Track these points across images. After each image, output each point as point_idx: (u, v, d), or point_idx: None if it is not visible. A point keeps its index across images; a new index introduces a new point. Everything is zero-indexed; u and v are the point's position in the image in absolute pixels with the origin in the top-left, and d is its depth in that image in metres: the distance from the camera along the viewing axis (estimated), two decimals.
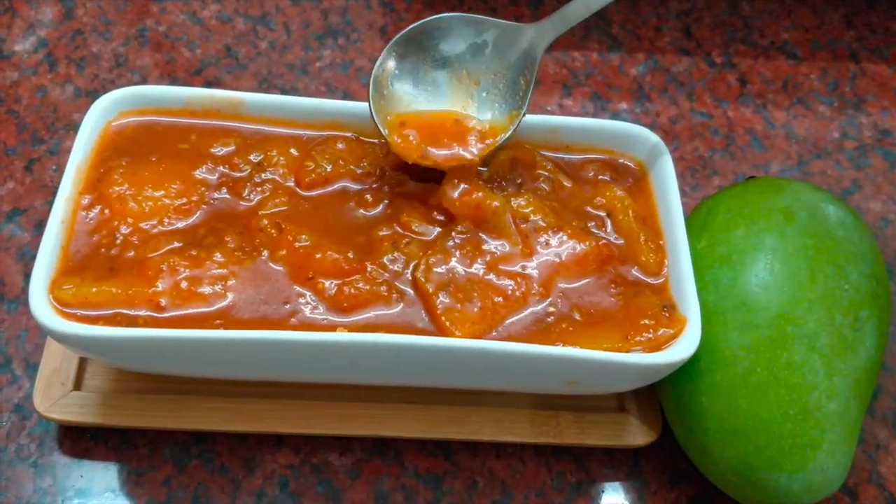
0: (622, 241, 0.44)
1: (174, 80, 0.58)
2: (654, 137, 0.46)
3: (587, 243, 0.42)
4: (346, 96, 0.59)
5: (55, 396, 0.43)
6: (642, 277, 0.43)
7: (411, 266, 0.42)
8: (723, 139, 0.59)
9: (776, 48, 0.64)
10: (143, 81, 0.58)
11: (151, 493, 0.43)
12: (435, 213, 0.43)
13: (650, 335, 0.40)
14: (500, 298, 0.41)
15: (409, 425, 0.44)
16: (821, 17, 0.66)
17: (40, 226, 0.51)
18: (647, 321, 0.40)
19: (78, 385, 0.44)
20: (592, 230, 0.44)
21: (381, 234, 0.43)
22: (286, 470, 0.44)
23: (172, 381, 0.44)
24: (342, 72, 0.60)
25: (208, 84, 0.58)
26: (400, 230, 0.43)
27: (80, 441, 0.44)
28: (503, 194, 0.44)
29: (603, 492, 0.45)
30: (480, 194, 0.42)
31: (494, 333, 0.40)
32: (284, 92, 0.58)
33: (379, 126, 0.43)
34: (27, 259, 0.50)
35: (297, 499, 0.43)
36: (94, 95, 0.57)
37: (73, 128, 0.55)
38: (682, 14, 0.65)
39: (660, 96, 0.61)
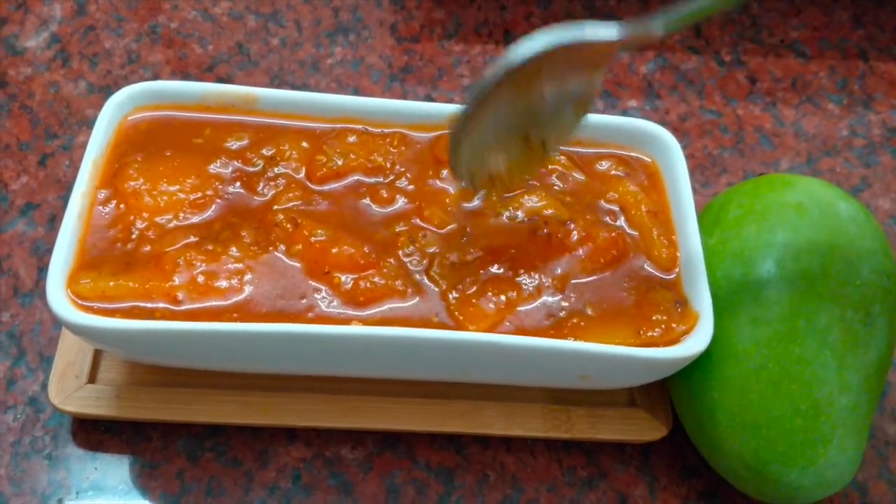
0: (636, 235, 0.44)
1: (186, 77, 0.59)
2: (666, 134, 0.46)
3: (602, 235, 0.43)
4: (357, 93, 0.59)
5: (70, 389, 0.44)
6: (655, 272, 0.43)
7: (425, 260, 0.42)
8: (732, 137, 0.59)
9: (785, 46, 0.64)
10: (155, 77, 0.59)
11: (165, 485, 0.43)
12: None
13: (662, 330, 0.40)
14: (515, 293, 0.41)
15: (421, 419, 0.45)
16: (830, 15, 0.66)
17: (54, 220, 0.51)
18: (659, 316, 0.41)
19: (92, 378, 0.44)
20: (607, 223, 0.44)
21: (398, 229, 0.43)
22: (299, 463, 0.44)
23: (186, 374, 0.44)
24: (353, 69, 0.60)
25: (220, 80, 0.59)
26: (420, 223, 0.43)
27: (94, 434, 0.45)
28: (515, 193, 0.44)
29: (614, 486, 0.45)
30: None
31: (507, 324, 0.40)
32: (295, 89, 0.59)
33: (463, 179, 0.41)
34: (41, 253, 0.50)
35: (309, 492, 0.44)
36: (106, 91, 0.57)
37: (86, 123, 0.56)
38: None
39: (669, 94, 0.61)
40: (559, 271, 0.42)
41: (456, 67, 0.61)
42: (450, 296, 0.41)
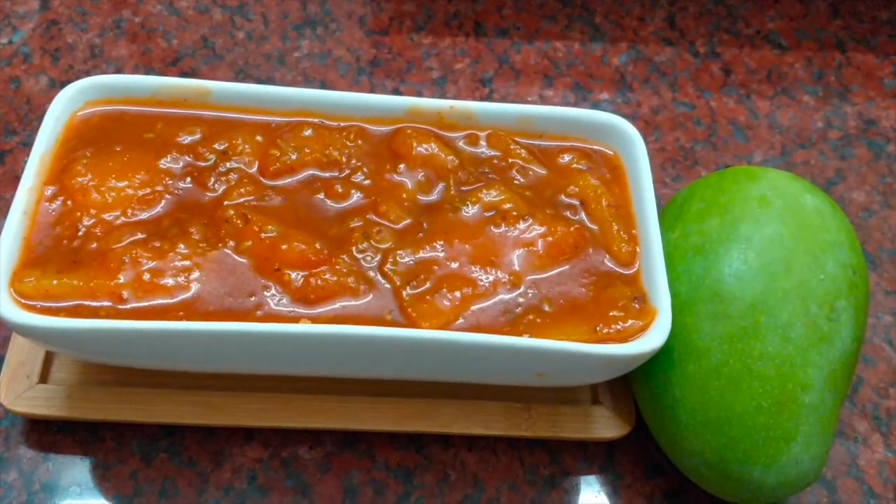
0: (595, 230, 0.43)
1: (150, 71, 0.58)
2: (627, 126, 0.45)
3: (560, 230, 0.42)
4: (324, 87, 0.58)
5: (20, 389, 0.43)
6: (614, 268, 0.42)
7: (379, 257, 0.41)
8: (705, 130, 0.58)
9: (761, 38, 0.63)
10: (119, 72, 0.58)
11: (118, 486, 0.43)
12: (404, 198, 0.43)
13: (619, 327, 0.39)
14: (470, 290, 0.40)
15: (380, 418, 0.44)
16: (807, 6, 0.65)
17: None
18: (616, 312, 0.40)
19: (44, 378, 0.44)
20: (566, 217, 0.43)
21: (352, 224, 0.42)
22: (255, 464, 0.44)
23: (140, 373, 0.44)
24: (320, 62, 0.59)
25: (184, 75, 0.58)
26: (376, 218, 0.42)
27: (47, 434, 0.44)
28: (473, 187, 0.43)
29: (577, 485, 0.44)
30: (435, 147, 0.42)
31: (461, 321, 0.39)
32: (261, 83, 0.58)
33: None
34: None
35: (265, 493, 0.43)
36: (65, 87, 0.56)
37: None
38: (667, 3, 0.65)
39: (642, 86, 0.60)
40: (516, 267, 0.41)
41: (425, 60, 0.60)
42: (403, 293, 0.40)
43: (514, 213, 0.43)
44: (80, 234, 0.40)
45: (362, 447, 0.45)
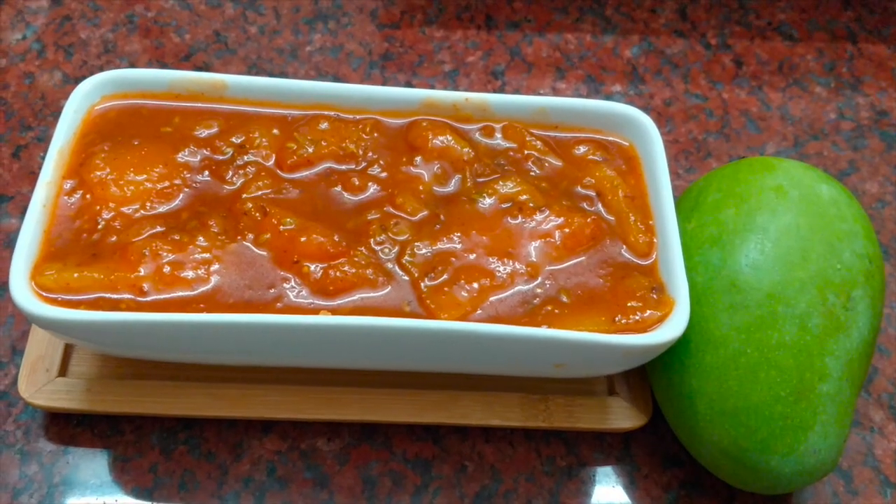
0: (612, 220, 0.43)
1: (163, 66, 0.58)
2: (643, 117, 0.45)
3: (577, 221, 0.42)
4: (336, 81, 0.58)
5: (40, 383, 0.43)
6: (631, 258, 0.42)
7: (396, 249, 0.41)
8: (717, 121, 0.58)
9: (772, 29, 0.63)
10: (132, 67, 0.58)
11: (138, 479, 0.43)
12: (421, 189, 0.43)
13: (637, 317, 0.39)
14: (488, 281, 0.41)
15: (398, 410, 0.44)
16: None
17: None
18: (634, 303, 0.40)
19: (63, 371, 0.44)
20: (583, 208, 0.43)
21: (369, 217, 0.42)
22: (274, 456, 0.44)
23: (159, 366, 0.44)
24: (332, 56, 0.59)
25: (197, 70, 0.58)
26: (393, 210, 0.42)
27: (67, 428, 0.44)
28: (489, 179, 0.44)
29: (594, 476, 0.44)
30: (451, 139, 0.42)
31: (480, 312, 0.39)
32: (273, 77, 0.58)
33: None
34: (14, 246, 0.49)
35: (284, 484, 0.43)
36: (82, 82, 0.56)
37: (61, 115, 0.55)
38: None
39: (654, 78, 0.60)
40: (533, 258, 0.41)
41: (437, 53, 0.60)
42: (422, 284, 0.40)
43: (531, 205, 0.43)
44: (100, 227, 0.40)
45: (380, 439, 0.45)
